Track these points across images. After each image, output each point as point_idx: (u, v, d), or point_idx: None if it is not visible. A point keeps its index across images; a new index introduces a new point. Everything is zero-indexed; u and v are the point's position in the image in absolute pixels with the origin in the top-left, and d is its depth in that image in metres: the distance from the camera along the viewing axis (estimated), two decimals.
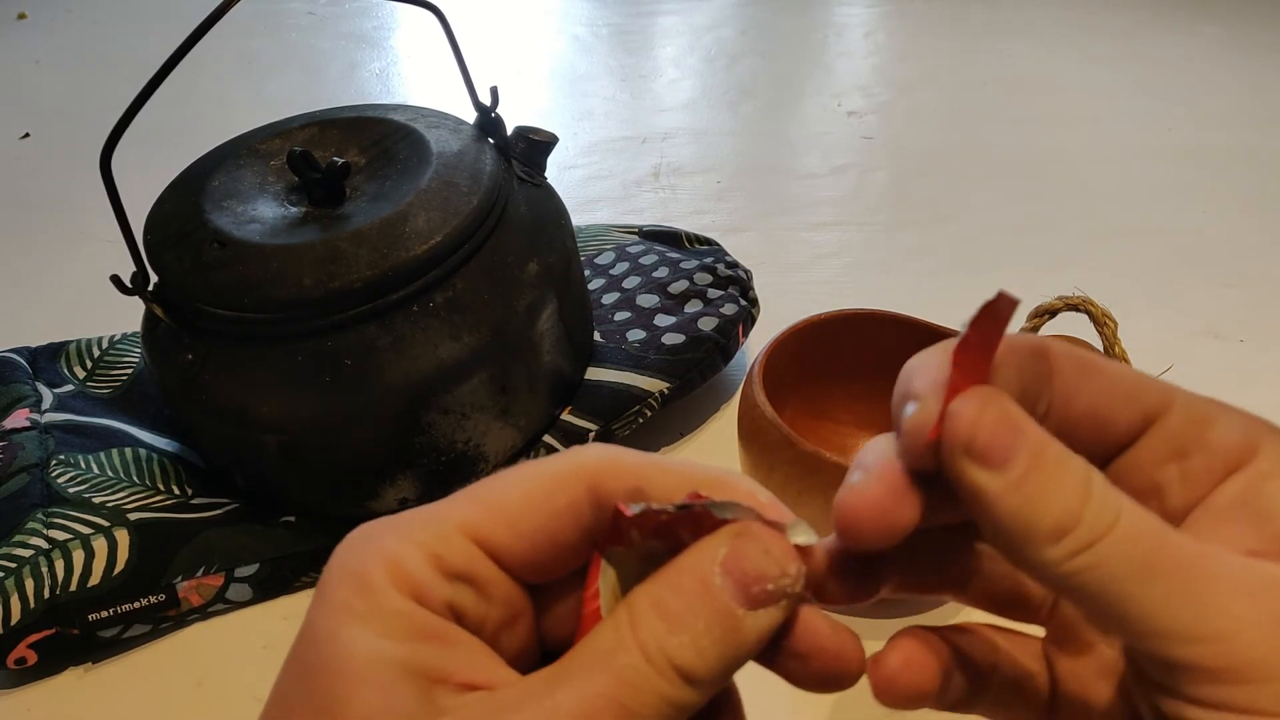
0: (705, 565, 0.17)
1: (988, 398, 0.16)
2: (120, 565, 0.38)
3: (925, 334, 0.41)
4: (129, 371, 0.49)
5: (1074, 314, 0.40)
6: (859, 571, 0.20)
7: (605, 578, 0.18)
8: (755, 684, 0.38)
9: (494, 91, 0.44)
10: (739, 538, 0.17)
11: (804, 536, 0.18)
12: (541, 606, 0.19)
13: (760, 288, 0.54)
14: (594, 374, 0.46)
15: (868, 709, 0.36)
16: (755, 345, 0.49)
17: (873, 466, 0.18)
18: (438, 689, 0.16)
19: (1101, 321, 0.38)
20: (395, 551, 0.17)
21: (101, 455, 0.42)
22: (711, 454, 0.47)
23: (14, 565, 0.37)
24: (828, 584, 0.19)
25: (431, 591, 0.17)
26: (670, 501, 0.18)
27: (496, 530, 0.18)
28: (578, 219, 0.55)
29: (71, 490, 0.40)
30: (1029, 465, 0.16)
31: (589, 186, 0.73)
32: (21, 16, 1.10)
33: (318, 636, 0.17)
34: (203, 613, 0.40)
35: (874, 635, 0.38)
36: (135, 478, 0.42)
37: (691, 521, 0.18)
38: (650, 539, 0.18)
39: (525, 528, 0.18)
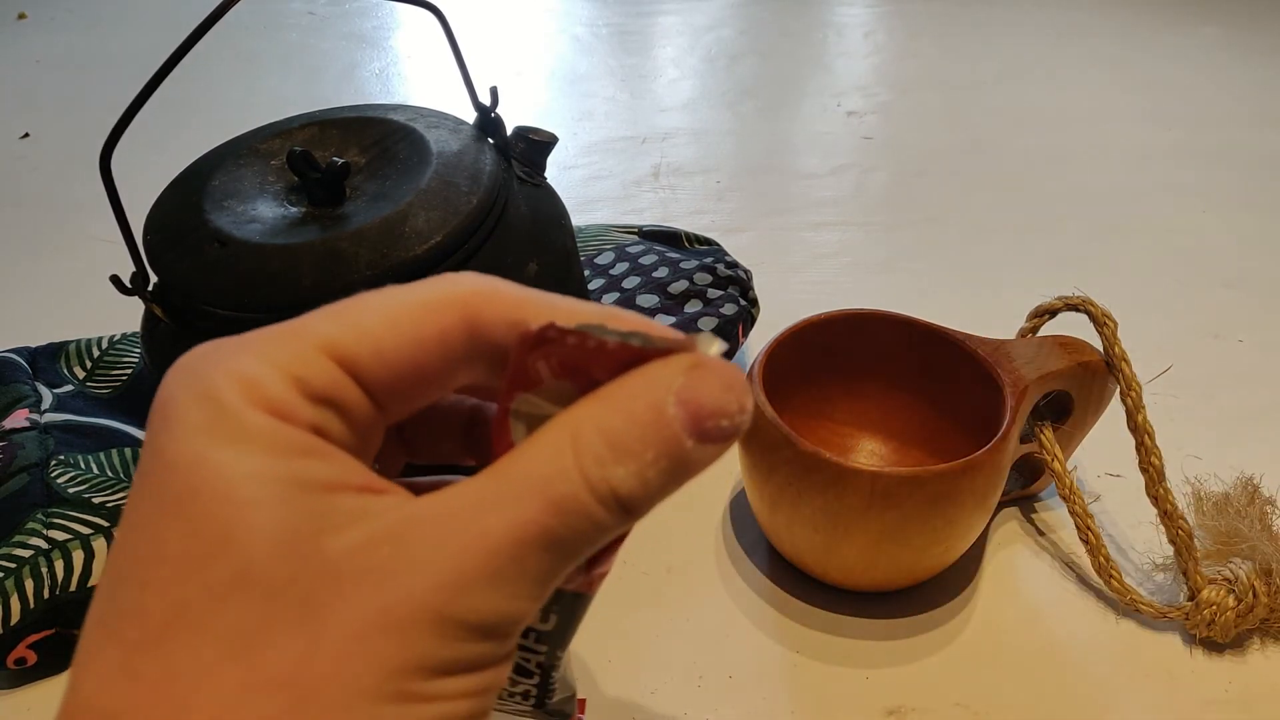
0: (659, 393, 0.16)
1: None
2: None
3: (925, 334, 0.42)
4: (129, 371, 0.49)
5: (1074, 314, 0.40)
6: None
7: (517, 430, 0.17)
8: (755, 684, 0.38)
9: (494, 91, 0.44)
10: (696, 369, 0.16)
11: (715, 347, 0.17)
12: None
13: (760, 288, 0.54)
14: None
15: (869, 710, 0.36)
16: (755, 345, 0.49)
17: None
18: (335, 497, 0.15)
19: (1101, 321, 0.38)
20: (251, 371, 0.15)
21: (101, 455, 0.42)
22: None
23: (14, 565, 0.37)
24: None
25: (295, 413, 0.15)
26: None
27: (361, 353, 0.16)
28: (578, 219, 0.55)
29: (71, 490, 0.40)
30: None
31: (589, 186, 0.73)
32: (21, 16, 1.10)
33: (178, 464, 0.15)
34: None
35: (883, 634, 0.38)
36: None
37: (608, 356, 0.16)
38: (562, 377, 0.17)
39: (391, 354, 0.16)
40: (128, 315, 0.47)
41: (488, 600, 0.15)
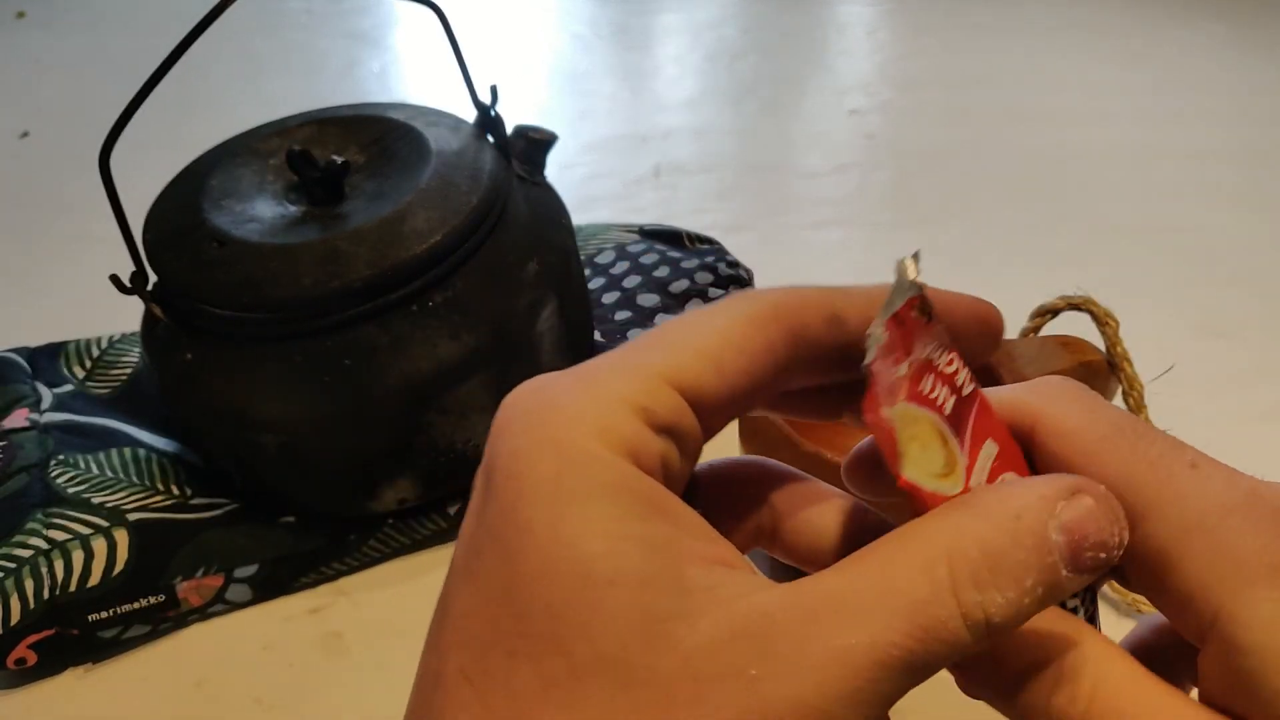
0: (1043, 520, 0.15)
1: None
2: (120, 566, 0.38)
3: None
4: (128, 371, 0.49)
5: (1075, 314, 0.40)
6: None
7: (909, 451, 0.16)
8: None
9: (493, 90, 0.44)
10: (1080, 495, 0.15)
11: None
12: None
13: (761, 287, 0.54)
14: None
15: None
16: None
17: None
18: (687, 570, 0.15)
19: (1103, 321, 0.38)
20: (603, 410, 0.15)
21: (101, 455, 0.42)
22: (711, 454, 0.47)
23: (13, 565, 0.37)
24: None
25: (647, 452, 0.15)
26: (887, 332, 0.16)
27: (704, 375, 0.16)
28: (578, 218, 0.55)
29: (71, 490, 0.40)
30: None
31: (589, 185, 0.73)
32: (21, 15, 1.10)
33: (533, 529, 0.15)
34: (202, 613, 0.40)
35: None
36: (134, 478, 0.41)
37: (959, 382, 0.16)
38: (920, 398, 0.16)
39: (731, 372, 0.16)
40: (127, 315, 0.47)
41: (842, 717, 0.14)
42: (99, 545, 0.38)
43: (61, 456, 0.42)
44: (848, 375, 0.18)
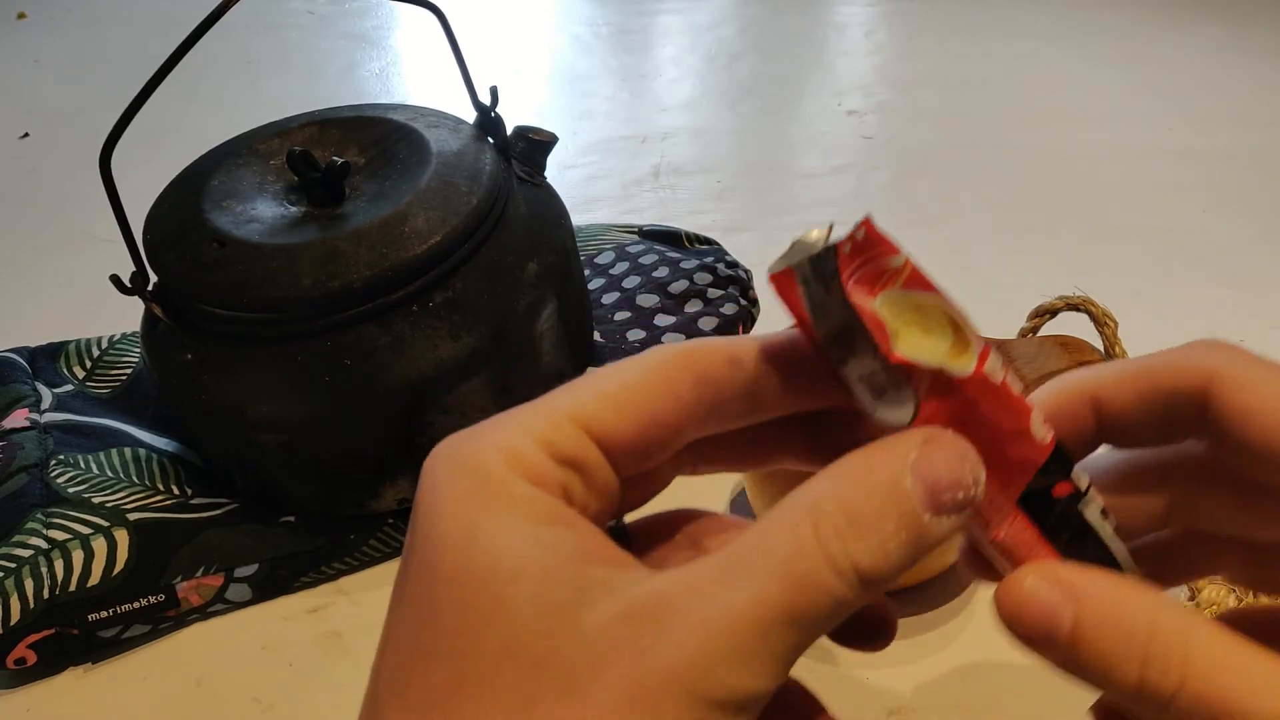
0: (896, 466, 0.16)
1: (1026, 577, 0.18)
2: (120, 565, 0.38)
3: None
4: (128, 371, 0.49)
5: (1074, 314, 0.40)
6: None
7: (904, 333, 0.17)
8: None
9: (494, 91, 0.44)
10: (929, 443, 0.17)
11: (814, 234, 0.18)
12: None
13: (760, 288, 0.54)
14: None
15: (869, 710, 0.36)
16: None
17: None
18: (586, 568, 0.16)
19: (1102, 321, 0.38)
20: (508, 440, 0.17)
21: (101, 455, 0.42)
22: None
23: (14, 565, 0.37)
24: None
25: (547, 475, 0.17)
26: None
27: (603, 414, 0.18)
28: (578, 219, 0.55)
29: (71, 490, 0.40)
30: (1071, 640, 0.17)
31: (589, 186, 0.73)
32: (21, 16, 1.10)
33: (448, 541, 0.16)
34: (202, 613, 0.40)
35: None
36: (135, 478, 0.42)
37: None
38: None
39: (629, 411, 0.18)
40: (128, 315, 0.47)
41: (733, 676, 0.15)
42: (99, 545, 0.38)
43: (61, 456, 0.42)
44: (758, 418, 0.19)
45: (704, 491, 0.45)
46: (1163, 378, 0.19)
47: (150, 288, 0.40)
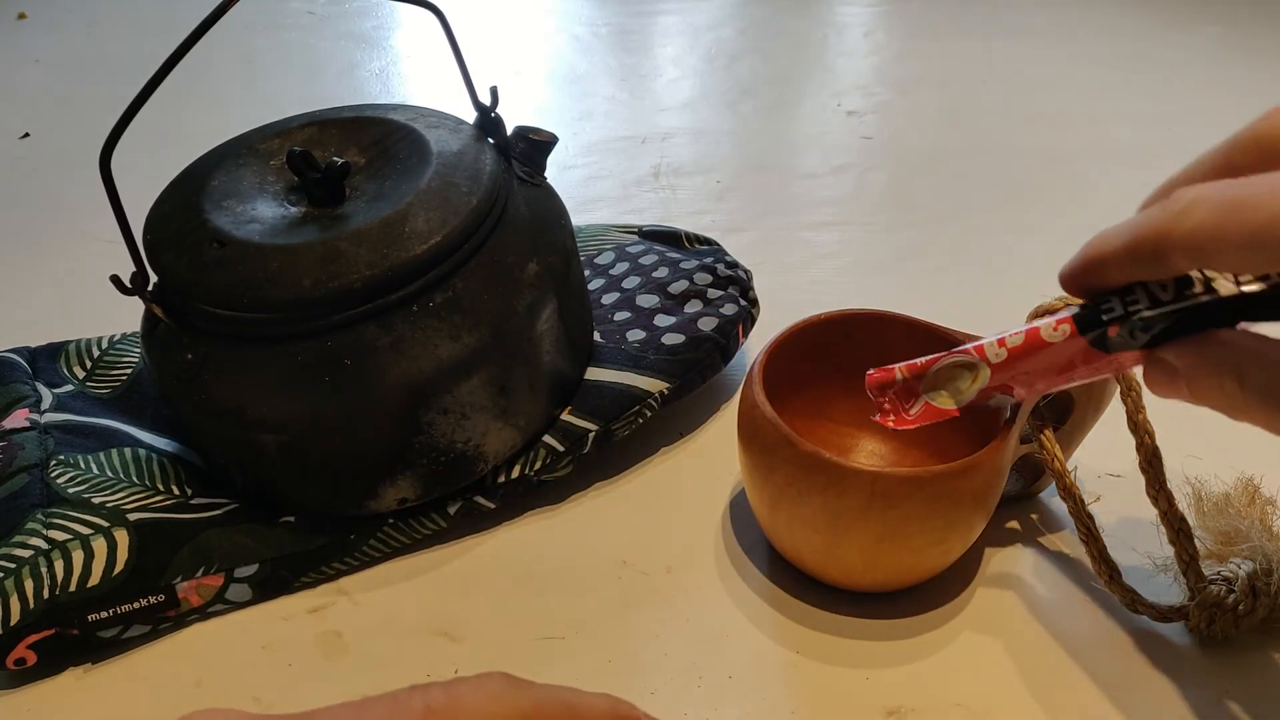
0: None
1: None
2: (120, 565, 0.38)
3: (925, 334, 0.41)
4: (128, 371, 0.49)
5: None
6: None
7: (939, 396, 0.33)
8: (755, 684, 0.38)
9: (494, 91, 0.44)
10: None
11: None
12: None
13: (760, 288, 0.54)
14: (594, 374, 0.46)
15: (869, 710, 0.36)
16: (755, 345, 0.49)
17: None
18: None
19: None
20: None
21: (101, 455, 0.42)
22: (711, 454, 0.47)
23: (13, 565, 0.37)
24: None
25: None
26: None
27: None
28: (578, 219, 0.55)
29: (71, 490, 0.40)
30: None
31: (589, 186, 0.73)
32: (21, 16, 1.10)
33: None
34: (202, 613, 0.40)
35: (883, 634, 0.38)
36: (135, 478, 0.42)
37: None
38: None
39: None
40: (128, 315, 0.47)
41: None
42: (99, 545, 0.38)
43: (61, 456, 0.42)
44: None
45: (704, 491, 0.45)
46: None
47: (150, 288, 0.40)
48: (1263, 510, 0.38)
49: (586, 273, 0.53)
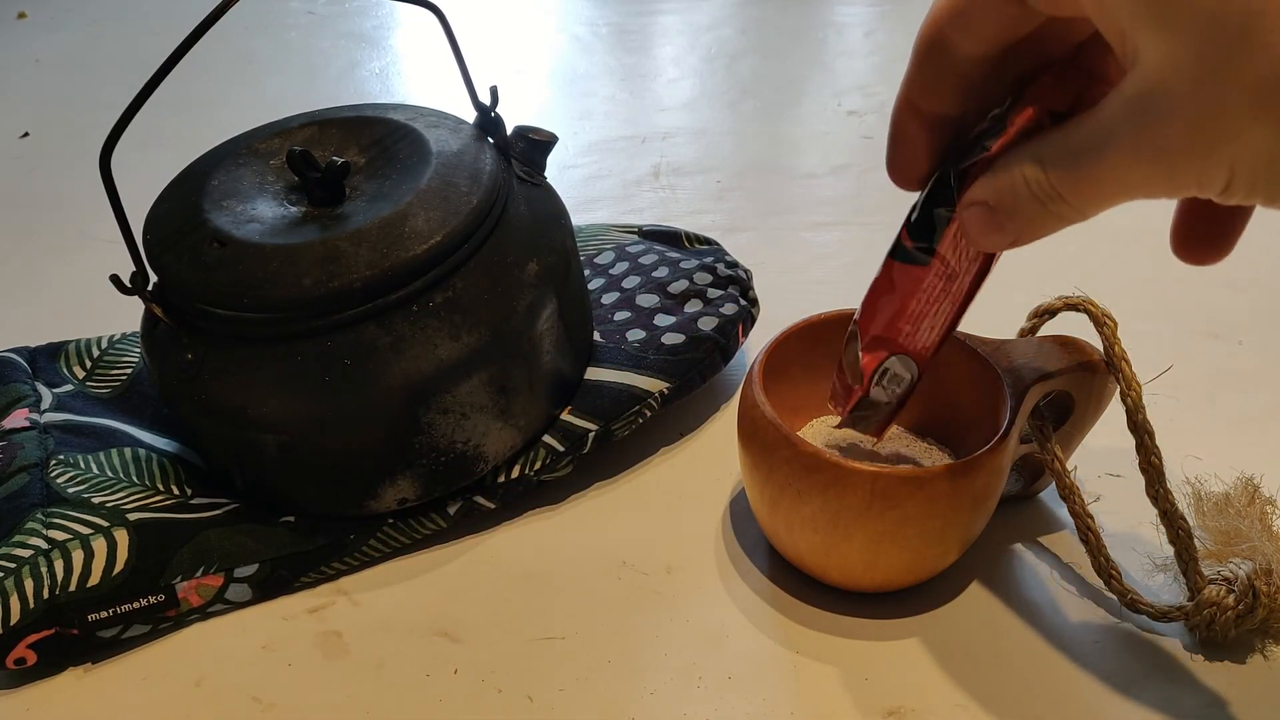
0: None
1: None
2: (120, 565, 0.38)
3: None
4: (128, 371, 0.49)
5: (1074, 314, 0.40)
6: None
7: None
8: (755, 684, 0.38)
9: (494, 91, 0.44)
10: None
11: None
12: None
13: (760, 288, 0.54)
14: (594, 374, 0.46)
15: (869, 710, 0.36)
16: (755, 345, 0.49)
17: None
18: None
19: (1101, 321, 0.38)
20: None
21: (101, 455, 0.42)
22: (711, 454, 0.47)
23: (13, 565, 0.37)
24: None
25: None
26: None
27: None
28: (578, 219, 0.55)
29: (71, 490, 0.40)
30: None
31: (589, 186, 0.73)
32: (22, 16, 1.10)
33: None
34: (202, 613, 0.40)
35: (883, 634, 0.38)
36: (135, 478, 0.42)
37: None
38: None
39: None
40: (128, 315, 0.47)
41: None
42: (99, 545, 0.38)
43: (61, 456, 0.42)
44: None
45: (704, 491, 0.45)
46: None
47: (150, 288, 0.40)
48: (1263, 510, 0.38)
49: (586, 272, 0.53)
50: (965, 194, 0.28)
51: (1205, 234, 0.27)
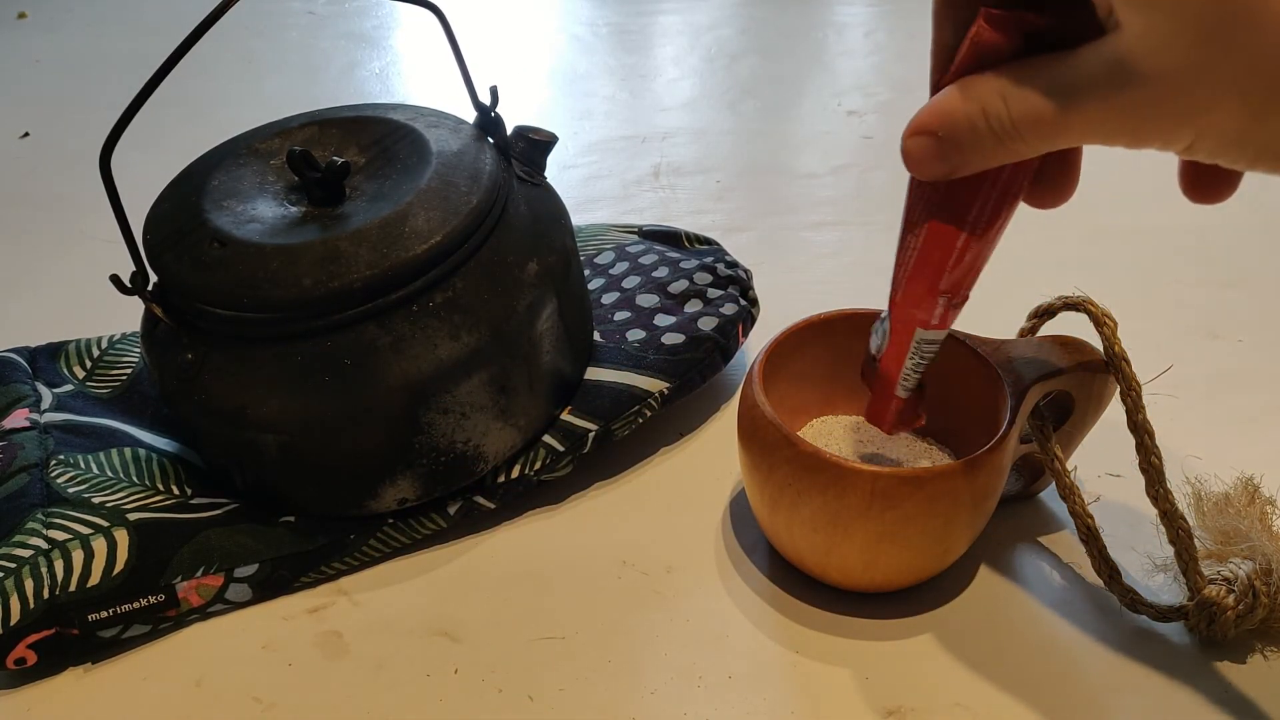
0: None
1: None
2: (120, 565, 0.38)
3: None
4: (128, 371, 0.49)
5: (1074, 313, 0.40)
6: None
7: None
8: (755, 684, 0.38)
9: (494, 91, 0.44)
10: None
11: None
12: None
13: (760, 288, 0.54)
14: (594, 374, 0.46)
15: (869, 710, 0.36)
16: (755, 345, 0.49)
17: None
18: None
19: (1101, 321, 0.38)
20: None
21: (101, 455, 0.42)
22: (711, 454, 0.47)
23: (14, 565, 0.37)
24: None
25: None
26: None
27: None
28: (578, 219, 0.55)
29: (71, 490, 0.40)
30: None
31: (589, 186, 0.73)
32: (22, 16, 1.10)
33: None
34: (202, 613, 0.40)
35: (883, 634, 0.38)
36: (135, 478, 0.42)
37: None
38: None
39: None
40: (128, 315, 0.47)
41: None
42: (99, 545, 0.38)
43: (61, 456, 0.42)
44: None
45: (704, 491, 0.45)
46: None
47: (150, 288, 0.40)
48: (1263, 510, 0.38)
49: (586, 272, 0.53)
50: (913, 121, 0.28)
51: (1211, 174, 0.28)
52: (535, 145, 0.45)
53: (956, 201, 0.30)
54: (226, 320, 0.38)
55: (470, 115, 0.45)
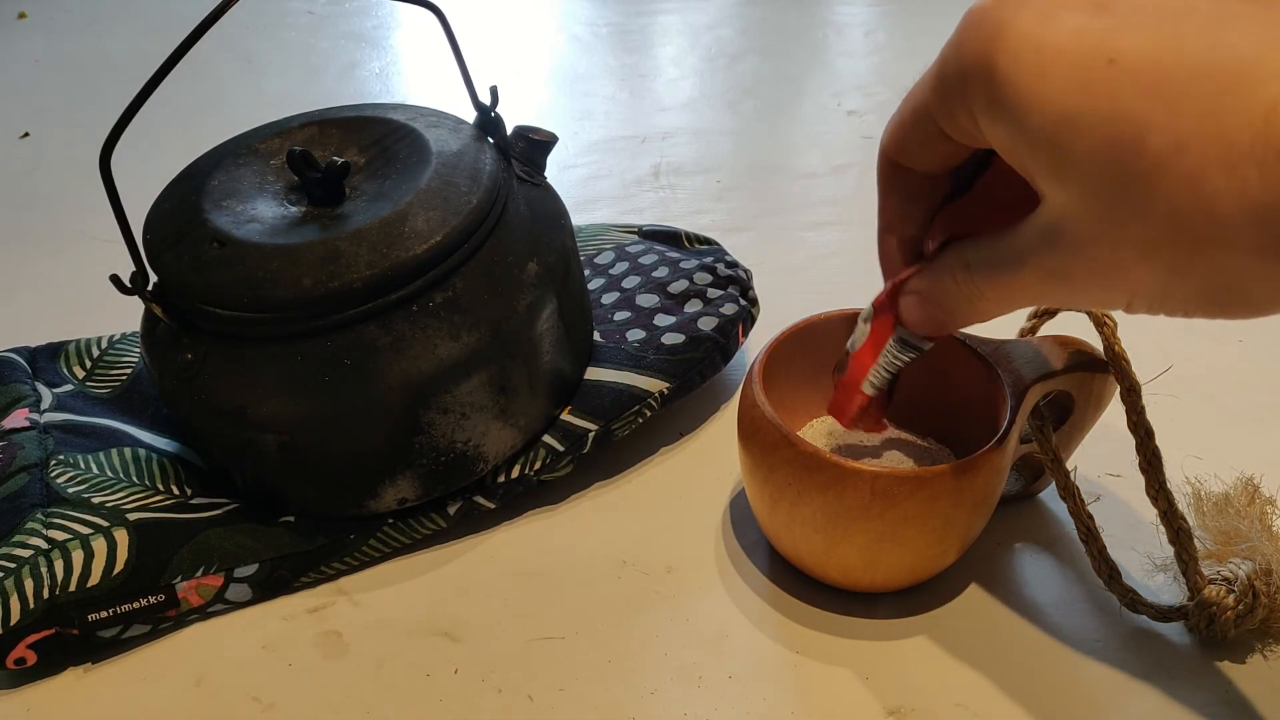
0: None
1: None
2: (120, 565, 0.38)
3: None
4: (128, 371, 0.49)
5: (1074, 314, 0.40)
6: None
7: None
8: (755, 684, 0.38)
9: (494, 91, 0.44)
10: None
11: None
12: None
13: (760, 288, 0.54)
14: (594, 374, 0.46)
15: (869, 710, 0.36)
16: (755, 345, 0.49)
17: None
18: None
19: (1101, 321, 0.38)
20: None
21: (101, 455, 0.42)
22: (711, 454, 0.47)
23: (13, 565, 0.37)
24: None
25: None
26: None
27: None
28: (577, 218, 0.55)
29: (71, 490, 0.40)
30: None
31: (589, 186, 0.73)
32: (22, 16, 1.10)
33: None
34: (202, 613, 0.40)
35: (883, 634, 0.38)
36: (135, 478, 0.42)
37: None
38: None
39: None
40: (128, 315, 0.47)
41: None
42: (99, 545, 0.38)
43: (61, 456, 0.42)
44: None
45: (704, 491, 0.45)
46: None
47: (150, 288, 0.40)
48: (1263, 510, 0.38)
49: (586, 272, 0.53)
50: (906, 284, 0.33)
51: None
52: (535, 145, 0.45)
53: None
54: (226, 320, 0.38)
55: (470, 115, 0.45)
